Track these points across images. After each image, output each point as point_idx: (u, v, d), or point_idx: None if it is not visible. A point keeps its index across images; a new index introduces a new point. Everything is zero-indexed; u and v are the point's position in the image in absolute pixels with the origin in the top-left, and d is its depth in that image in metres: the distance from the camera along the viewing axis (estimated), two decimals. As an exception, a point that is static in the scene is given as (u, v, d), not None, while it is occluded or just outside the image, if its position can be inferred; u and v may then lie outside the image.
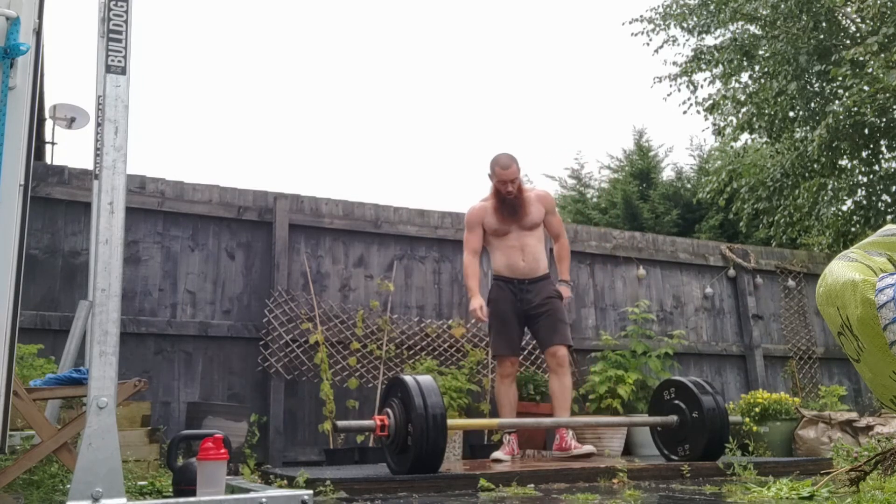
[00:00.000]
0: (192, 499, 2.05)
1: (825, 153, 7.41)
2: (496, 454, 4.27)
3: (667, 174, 13.55)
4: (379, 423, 3.31)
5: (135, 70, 2.04)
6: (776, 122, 8.01)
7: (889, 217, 7.70)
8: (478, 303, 4.39)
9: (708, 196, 9.49)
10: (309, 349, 4.97)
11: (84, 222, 4.63)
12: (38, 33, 2.12)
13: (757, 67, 8.32)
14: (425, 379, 3.33)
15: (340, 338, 5.09)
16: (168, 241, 4.90)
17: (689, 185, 12.69)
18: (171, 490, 2.61)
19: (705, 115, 8.79)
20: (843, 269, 1.88)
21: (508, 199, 4.41)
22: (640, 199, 12.43)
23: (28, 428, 2.84)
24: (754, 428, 5.23)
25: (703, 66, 8.73)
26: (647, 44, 9.29)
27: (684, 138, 21.77)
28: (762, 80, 8.14)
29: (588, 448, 4.21)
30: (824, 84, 7.72)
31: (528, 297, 4.44)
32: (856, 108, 6.87)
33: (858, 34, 7.66)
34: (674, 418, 4.03)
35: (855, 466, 2.57)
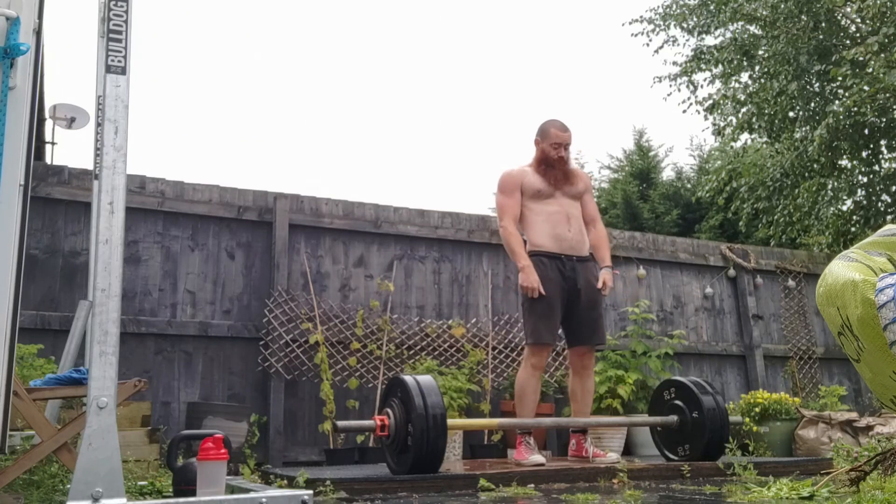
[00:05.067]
0: (192, 499, 2.05)
1: (825, 153, 7.41)
2: (533, 458, 3.72)
3: (667, 174, 13.57)
4: (379, 423, 3.31)
5: (135, 70, 2.04)
6: (776, 122, 8.02)
7: (889, 217, 7.71)
8: (535, 278, 3.85)
9: (707, 195, 9.50)
10: (309, 349, 4.97)
11: (84, 222, 4.63)
12: (38, 33, 2.12)
13: (757, 67, 8.33)
14: (425, 379, 3.33)
15: (340, 338, 5.09)
16: (168, 241, 4.90)
17: (689, 185, 12.70)
18: (171, 490, 2.61)
19: (705, 115, 8.79)
20: (843, 269, 1.88)
21: (557, 163, 4.05)
22: (640, 199, 12.44)
23: (28, 428, 2.84)
24: (754, 428, 5.23)
25: (703, 66, 8.74)
26: (647, 44, 9.31)
27: (684, 138, 21.79)
28: (762, 80, 8.14)
29: (613, 457, 3.94)
30: (824, 84, 7.73)
31: (575, 280, 3.98)
32: (856, 108, 6.87)
33: (858, 34, 7.66)
34: (674, 418, 4.02)
35: (855, 466, 2.57)
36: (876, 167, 7.97)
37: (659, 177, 13.30)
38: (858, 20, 7.71)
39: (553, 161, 4.06)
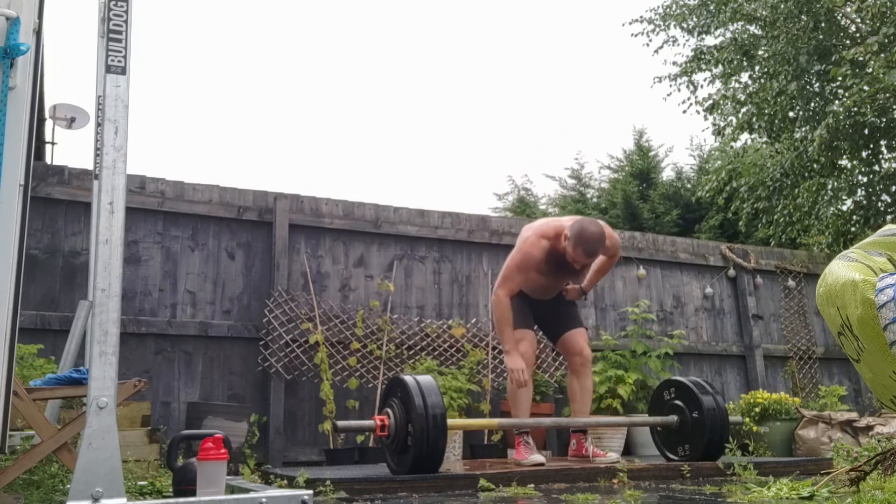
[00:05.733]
0: (192, 499, 2.05)
1: (825, 153, 7.41)
2: (533, 457, 3.74)
3: (667, 174, 13.54)
4: (379, 423, 3.31)
5: (135, 70, 2.04)
6: (776, 122, 8.02)
7: (889, 217, 7.71)
8: (520, 364, 3.87)
9: (707, 195, 9.50)
10: (309, 349, 4.97)
11: (84, 222, 4.63)
12: (38, 33, 2.12)
13: (757, 67, 8.33)
14: (425, 379, 3.33)
15: (340, 338, 5.09)
16: (168, 241, 4.90)
17: (689, 185, 12.68)
18: (171, 490, 2.61)
19: (705, 115, 8.79)
20: (843, 269, 1.88)
21: (573, 267, 3.96)
22: (640, 199, 12.42)
23: (28, 428, 2.84)
24: (754, 428, 5.23)
25: (703, 66, 8.74)
26: (647, 44, 9.31)
27: (684, 138, 21.74)
28: (762, 80, 8.14)
29: (613, 456, 3.96)
30: (824, 84, 7.73)
31: (541, 310, 4.19)
32: (856, 108, 6.87)
33: (858, 34, 7.66)
34: (674, 418, 4.03)
35: (855, 466, 2.57)
36: (876, 167, 7.97)
37: (659, 177, 13.28)
38: (858, 20, 7.71)
39: (569, 265, 3.96)
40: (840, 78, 7.01)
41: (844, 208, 8.33)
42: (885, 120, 7.28)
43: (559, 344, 4.24)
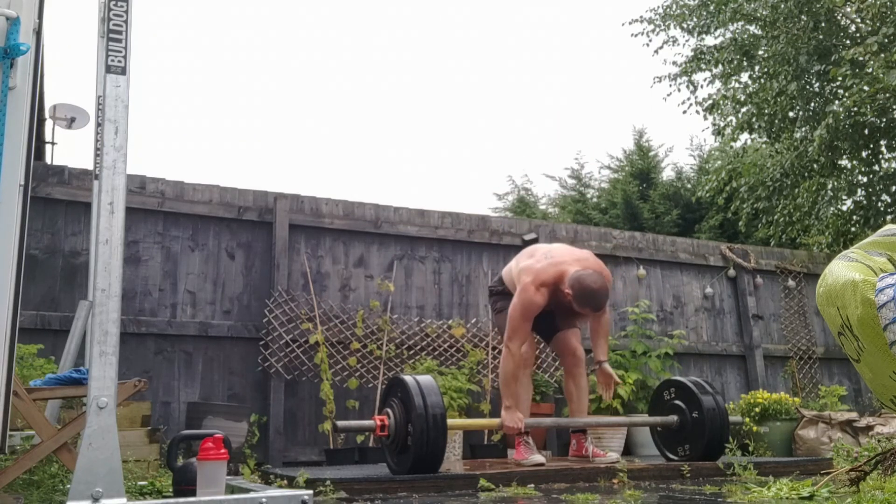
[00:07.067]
0: (192, 499, 2.05)
1: (825, 153, 7.41)
2: (533, 457, 3.75)
3: (667, 174, 13.54)
4: (379, 423, 3.31)
5: (135, 70, 2.04)
6: (776, 122, 8.02)
7: (889, 217, 7.71)
8: (519, 424, 3.76)
9: (707, 195, 9.50)
10: (309, 349, 4.97)
11: (84, 222, 4.63)
12: (38, 33, 2.12)
13: (757, 68, 8.33)
14: (425, 379, 3.33)
15: (340, 338, 5.09)
16: (168, 242, 4.90)
17: (689, 185, 12.68)
18: (171, 490, 2.61)
19: (705, 115, 8.80)
20: (843, 269, 1.89)
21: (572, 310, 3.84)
22: (640, 199, 12.42)
23: (28, 428, 2.84)
24: (754, 428, 5.23)
25: (703, 66, 8.74)
26: (647, 44, 9.30)
27: (684, 138, 21.73)
28: (762, 80, 8.14)
29: (613, 456, 3.95)
30: (824, 84, 7.73)
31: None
32: (856, 109, 6.87)
33: (858, 34, 7.66)
34: (674, 418, 4.03)
35: (855, 466, 2.57)
36: (876, 167, 7.97)
37: (659, 177, 13.27)
38: (858, 20, 7.71)
39: (567, 310, 3.87)
40: (840, 78, 7.01)
41: (844, 208, 8.33)
42: (885, 120, 7.28)
43: (553, 344, 4.25)
